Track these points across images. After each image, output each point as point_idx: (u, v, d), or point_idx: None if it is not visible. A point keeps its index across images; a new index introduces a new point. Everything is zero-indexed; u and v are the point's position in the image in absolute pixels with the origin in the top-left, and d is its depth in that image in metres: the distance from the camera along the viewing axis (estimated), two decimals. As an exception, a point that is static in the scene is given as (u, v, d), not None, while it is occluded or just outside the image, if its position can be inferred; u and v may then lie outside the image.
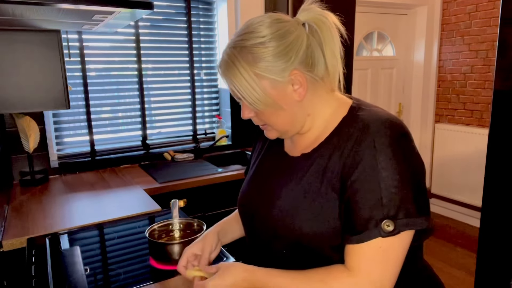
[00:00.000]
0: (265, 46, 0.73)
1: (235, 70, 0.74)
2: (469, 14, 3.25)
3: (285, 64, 0.73)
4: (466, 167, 3.33)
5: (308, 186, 0.77)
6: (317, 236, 0.74)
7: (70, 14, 1.14)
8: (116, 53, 2.38)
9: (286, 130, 0.82)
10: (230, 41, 0.77)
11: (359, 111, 0.78)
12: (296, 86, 0.76)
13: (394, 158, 0.69)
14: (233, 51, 0.75)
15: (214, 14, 2.67)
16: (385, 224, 0.68)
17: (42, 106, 1.63)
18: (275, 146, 0.93)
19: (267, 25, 0.74)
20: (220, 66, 0.78)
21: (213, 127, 2.82)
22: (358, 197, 0.70)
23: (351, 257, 0.71)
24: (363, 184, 0.70)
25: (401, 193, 0.69)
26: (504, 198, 1.64)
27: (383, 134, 0.71)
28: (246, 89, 0.75)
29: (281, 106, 0.77)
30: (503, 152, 1.62)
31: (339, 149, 0.75)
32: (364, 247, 0.69)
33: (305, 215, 0.76)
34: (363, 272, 0.69)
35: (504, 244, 1.66)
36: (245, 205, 0.92)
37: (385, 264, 0.69)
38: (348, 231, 0.71)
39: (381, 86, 3.58)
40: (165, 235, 1.22)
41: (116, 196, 1.80)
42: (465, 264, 2.75)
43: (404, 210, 0.68)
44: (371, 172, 0.69)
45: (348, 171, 0.72)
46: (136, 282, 1.06)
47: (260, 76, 0.74)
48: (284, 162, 0.86)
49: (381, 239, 0.68)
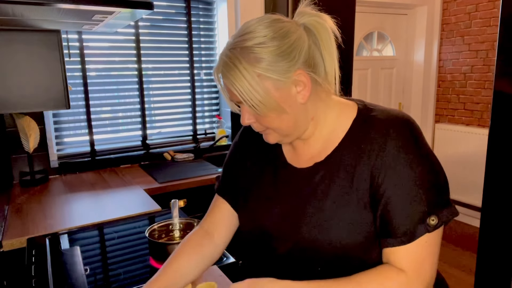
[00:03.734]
0: (267, 45, 0.70)
1: (237, 72, 0.70)
2: (469, 14, 3.25)
3: (288, 64, 0.71)
4: (466, 167, 3.33)
5: (338, 197, 0.75)
6: (357, 245, 0.73)
7: (70, 14, 1.14)
8: (116, 53, 2.38)
9: (288, 134, 0.78)
10: (228, 44, 0.74)
11: (371, 112, 0.77)
12: (300, 87, 0.73)
13: (420, 155, 0.71)
14: (233, 52, 0.71)
15: (214, 14, 2.67)
16: (431, 219, 0.69)
17: (42, 106, 1.63)
18: (274, 159, 0.87)
19: (267, 24, 0.72)
20: (218, 69, 0.74)
21: (213, 127, 2.82)
22: (396, 200, 0.70)
23: (398, 257, 0.71)
24: (399, 186, 0.70)
25: (436, 186, 0.71)
26: (504, 198, 1.63)
27: (405, 133, 0.72)
28: (248, 92, 0.70)
29: (284, 109, 0.73)
30: (503, 152, 1.62)
31: (364, 154, 0.73)
32: (411, 246, 0.70)
33: (340, 227, 0.73)
34: (414, 270, 0.70)
35: (504, 244, 1.66)
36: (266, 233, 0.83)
37: (432, 258, 0.71)
38: (388, 234, 0.71)
39: (381, 86, 3.58)
40: (165, 235, 1.22)
41: (116, 196, 1.80)
42: (465, 264, 2.75)
43: (442, 202, 0.71)
44: (404, 173, 0.70)
45: (379, 176, 0.71)
46: (136, 282, 1.07)
47: (263, 77, 0.70)
48: (296, 175, 0.82)
49: (427, 234, 0.70)
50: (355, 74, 3.21)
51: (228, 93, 0.75)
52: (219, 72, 0.74)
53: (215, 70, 0.75)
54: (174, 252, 0.92)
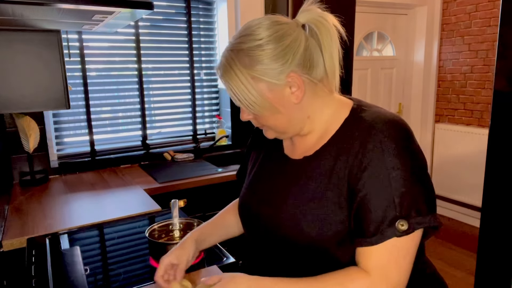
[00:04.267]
0: (262, 48, 0.72)
1: (232, 73, 0.74)
2: (469, 14, 3.25)
3: (282, 67, 0.73)
4: (466, 167, 3.33)
5: (314, 190, 0.77)
6: (325, 239, 0.74)
7: (70, 14, 1.14)
8: (116, 53, 2.38)
9: (284, 132, 0.82)
10: (229, 43, 0.77)
11: (361, 112, 0.78)
12: (294, 88, 0.75)
13: (401, 157, 0.70)
14: (230, 54, 0.75)
15: (214, 14, 2.67)
16: (400, 224, 0.68)
17: (42, 106, 1.63)
18: (275, 149, 0.92)
19: (265, 27, 0.74)
20: (218, 68, 0.78)
21: (213, 127, 2.82)
22: (369, 200, 0.70)
23: (366, 258, 0.71)
24: (374, 186, 0.70)
25: (412, 191, 0.69)
26: (504, 198, 1.63)
27: (388, 134, 0.71)
28: (242, 92, 0.74)
29: (278, 109, 0.76)
30: (503, 152, 1.62)
31: (344, 151, 0.75)
32: (379, 248, 0.69)
33: (312, 219, 0.75)
34: (379, 273, 0.69)
35: (504, 244, 1.66)
36: (248, 209, 0.91)
37: (400, 263, 0.70)
38: (360, 234, 0.71)
39: (381, 86, 3.58)
40: (165, 235, 1.22)
41: (116, 196, 1.80)
42: (465, 264, 2.75)
43: (416, 208, 0.69)
44: (380, 174, 0.69)
45: (356, 174, 0.72)
46: (136, 282, 1.07)
47: (257, 79, 0.73)
48: (287, 165, 0.86)
49: (396, 239, 0.69)
50: (355, 74, 3.21)
51: (228, 92, 0.79)
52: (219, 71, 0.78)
53: (216, 68, 0.79)
54: (223, 210, 1.06)
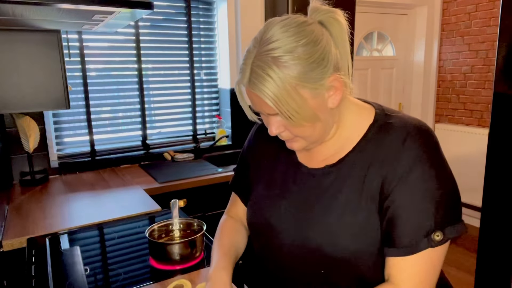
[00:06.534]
0: (299, 54, 0.66)
1: (271, 82, 0.66)
2: (469, 14, 3.25)
3: (322, 71, 0.68)
4: (466, 167, 3.33)
5: (347, 201, 0.73)
6: (361, 252, 0.72)
7: (70, 14, 1.14)
8: (116, 53, 2.38)
9: (317, 140, 0.76)
10: (254, 51, 0.68)
11: (388, 119, 0.76)
12: (331, 92, 0.70)
13: (434, 167, 0.69)
14: (264, 62, 0.66)
15: (214, 14, 2.67)
16: (435, 235, 0.68)
17: (42, 106, 1.63)
18: (285, 157, 0.86)
19: (293, 31, 0.68)
20: (244, 80, 0.69)
21: (213, 127, 2.82)
22: (403, 210, 0.69)
23: (398, 269, 0.70)
24: (409, 196, 0.69)
25: (446, 202, 0.69)
26: (504, 198, 1.63)
27: (421, 143, 0.70)
28: (285, 102, 0.67)
29: (318, 117, 0.71)
30: (503, 152, 1.62)
31: (376, 160, 0.72)
32: (412, 258, 0.69)
33: (346, 233, 0.72)
34: (412, 284, 0.69)
35: (504, 244, 1.66)
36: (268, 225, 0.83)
37: (432, 273, 0.70)
38: (392, 244, 0.70)
39: (381, 86, 3.58)
40: (165, 235, 1.22)
41: (116, 196, 1.80)
42: (465, 264, 2.75)
43: (449, 218, 0.69)
44: (416, 185, 0.69)
45: (391, 183, 0.70)
46: (136, 282, 1.06)
47: (300, 87, 0.67)
48: (306, 175, 0.81)
49: (431, 249, 0.68)
50: (355, 74, 3.20)
51: (257, 104, 0.71)
52: (247, 83, 0.69)
53: (240, 82, 0.70)
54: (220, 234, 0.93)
